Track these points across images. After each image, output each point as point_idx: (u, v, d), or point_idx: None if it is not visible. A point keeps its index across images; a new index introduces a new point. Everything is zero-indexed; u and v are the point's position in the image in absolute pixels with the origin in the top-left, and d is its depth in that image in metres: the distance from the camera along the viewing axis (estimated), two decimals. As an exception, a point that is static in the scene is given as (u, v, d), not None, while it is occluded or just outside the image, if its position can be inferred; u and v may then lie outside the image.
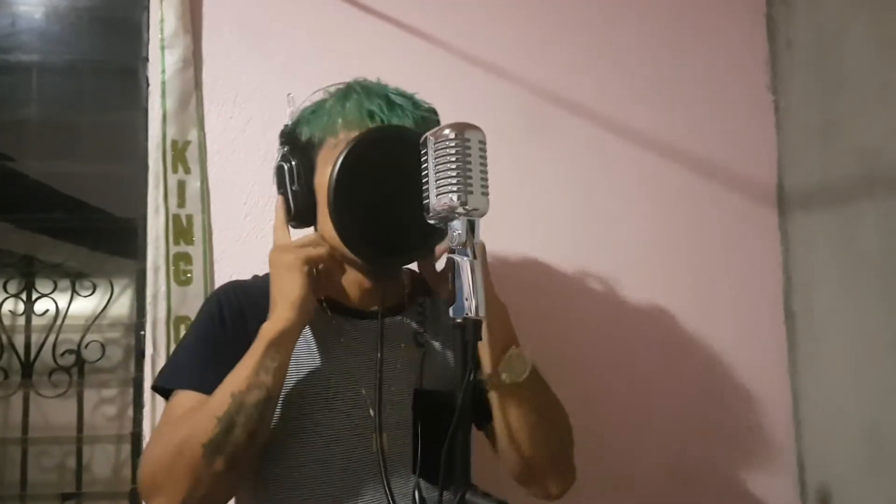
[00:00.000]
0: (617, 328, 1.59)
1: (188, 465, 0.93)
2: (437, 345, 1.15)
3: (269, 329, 0.98)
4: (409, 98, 1.12)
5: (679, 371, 1.59)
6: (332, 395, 1.06)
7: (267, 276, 1.14)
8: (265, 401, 0.96)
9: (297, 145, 1.09)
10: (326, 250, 1.03)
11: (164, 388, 1.07)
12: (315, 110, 1.11)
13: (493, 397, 1.05)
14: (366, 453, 1.04)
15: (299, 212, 1.07)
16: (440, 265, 1.12)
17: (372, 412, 1.05)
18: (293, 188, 1.07)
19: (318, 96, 1.13)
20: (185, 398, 1.02)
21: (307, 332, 1.08)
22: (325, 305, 1.10)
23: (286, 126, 1.12)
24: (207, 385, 0.99)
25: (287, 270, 1.00)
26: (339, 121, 1.06)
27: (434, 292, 1.16)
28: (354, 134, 1.04)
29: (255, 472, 1.05)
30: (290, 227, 1.09)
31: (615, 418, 1.56)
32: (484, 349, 1.02)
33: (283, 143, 1.11)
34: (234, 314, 1.08)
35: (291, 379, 1.05)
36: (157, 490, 0.95)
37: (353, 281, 1.11)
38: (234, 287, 1.15)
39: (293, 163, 1.07)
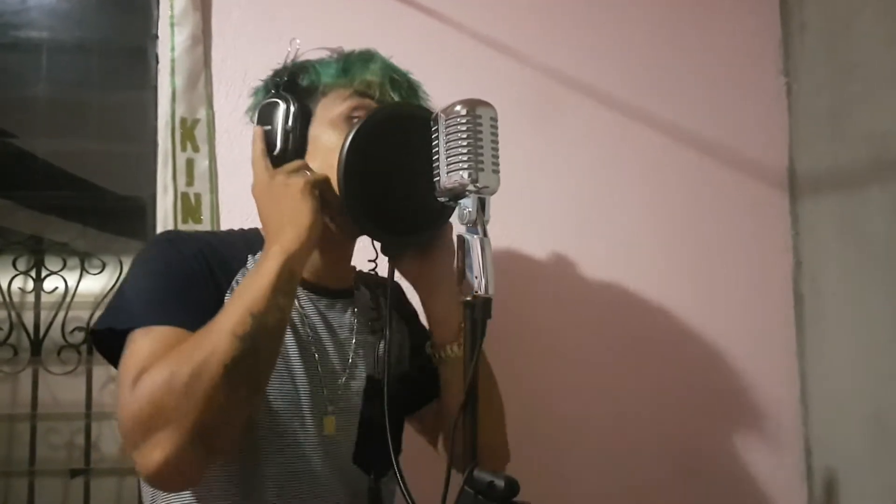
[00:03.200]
0: (626, 312, 1.59)
1: (207, 388, 0.81)
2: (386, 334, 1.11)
3: (282, 251, 0.91)
4: (420, 85, 1.11)
5: (687, 354, 1.59)
6: (287, 368, 1.00)
7: (212, 232, 1.14)
8: (282, 325, 0.90)
9: (294, 89, 1.05)
10: (324, 175, 0.99)
11: (118, 331, 0.91)
12: (323, 62, 1.07)
13: (448, 371, 1.05)
14: (316, 432, 1.00)
15: (287, 154, 1.02)
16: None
17: (326, 392, 1.02)
18: (286, 127, 1.02)
19: (323, 54, 1.10)
20: (170, 334, 0.88)
21: None
22: None
23: (282, 66, 1.08)
24: (190, 323, 0.88)
25: (300, 194, 0.94)
26: (360, 76, 1.03)
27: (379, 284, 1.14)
28: (369, 94, 1.03)
29: None
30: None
31: (622, 401, 1.56)
32: (441, 323, 1.05)
33: (275, 84, 1.07)
34: (194, 252, 0.98)
35: None
36: (158, 422, 0.81)
37: (318, 254, 1.06)
38: (179, 232, 1.09)
39: (290, 103, 1.02)
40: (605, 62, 1.63)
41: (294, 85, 1.06)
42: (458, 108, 0.87)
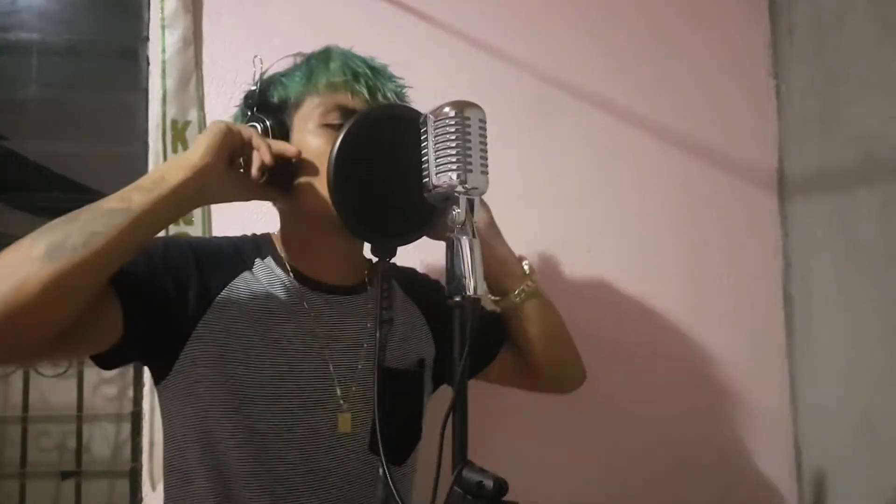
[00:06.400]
0: (615, 312, 1.59)
1: (15, 258, 0.85)
2: (398, 326, 1.14)
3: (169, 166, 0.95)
4: (385, 67, 1.10)
5: (677, 355, 1.60)
6: (296, 370, 1.02)
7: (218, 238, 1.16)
8: (120, 211, 0.87)
9: (268, 107, 1.06)
10: (254, 132, 0.98)
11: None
12: (288, 73, 1.08)
13: (522, 309, 1.18)
14: (330, 431, 1.02)
15: (275, 175, 1.01)
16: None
17: (339, 391, 1.04)
18: None
19: (288, 63, 1.10)
20: None
21: (274, 302, 1.04)
22: (293, 277, 1.07)
23: (252, 89, 1.08)
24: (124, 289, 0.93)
25: (207, 133, 0.96)
26: (323, 80, 1.04)
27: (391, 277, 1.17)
28: (338, 95, 1.03)
29: (208, 448, 1.00)
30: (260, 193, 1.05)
31: (611, 401, 1.56)
32: (501, 275, 1.16)
33: (249, 106, 1.07)
34: (180, 250, 1.03)
35: (255, 348, 1.00)
36: None
37: (324, 254, 1.09)
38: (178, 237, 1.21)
39: (267, 123, 1.03)
40: (594, 65, 1.63)
41: (267, 103, 1.07)
42: (446, 109, 0.87)
